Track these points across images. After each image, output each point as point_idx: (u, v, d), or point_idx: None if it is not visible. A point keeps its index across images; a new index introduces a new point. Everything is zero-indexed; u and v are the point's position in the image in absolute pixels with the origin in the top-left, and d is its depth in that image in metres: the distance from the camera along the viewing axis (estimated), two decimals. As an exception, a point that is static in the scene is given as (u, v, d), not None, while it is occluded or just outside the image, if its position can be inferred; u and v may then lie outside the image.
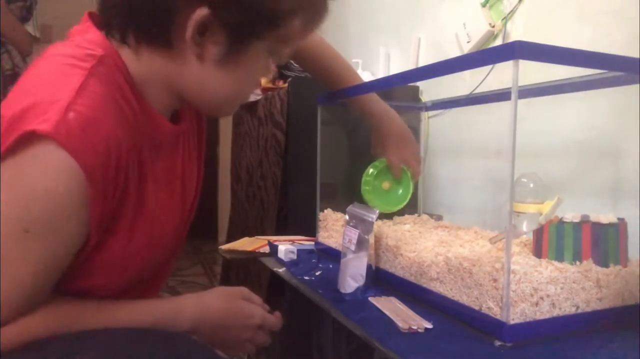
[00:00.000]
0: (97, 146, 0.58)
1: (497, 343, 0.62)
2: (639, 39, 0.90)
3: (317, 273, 0.98)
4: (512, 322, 0.62)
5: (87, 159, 0.57)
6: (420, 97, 1.54)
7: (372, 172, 1.12)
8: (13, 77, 2.13)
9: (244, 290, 0.81)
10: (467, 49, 1.35)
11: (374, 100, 1.11)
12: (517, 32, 1.20)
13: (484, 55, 0.69)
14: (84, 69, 0.61)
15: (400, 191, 1.14)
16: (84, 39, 0.66)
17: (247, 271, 1.80)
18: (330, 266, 1.03)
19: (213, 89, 0.69)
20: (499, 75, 1.19)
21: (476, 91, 1.22)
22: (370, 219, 0.86)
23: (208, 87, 0.69)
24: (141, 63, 0.67)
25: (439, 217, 1.33)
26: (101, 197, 0.60)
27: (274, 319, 0.80)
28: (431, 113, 1.46)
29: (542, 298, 0.64)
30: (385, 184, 1.13)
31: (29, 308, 0.59)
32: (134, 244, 0.68)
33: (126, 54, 0.67)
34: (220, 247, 1.29)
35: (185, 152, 0.80)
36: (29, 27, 2.31)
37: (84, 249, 0.63)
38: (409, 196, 1.13)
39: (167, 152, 0.75)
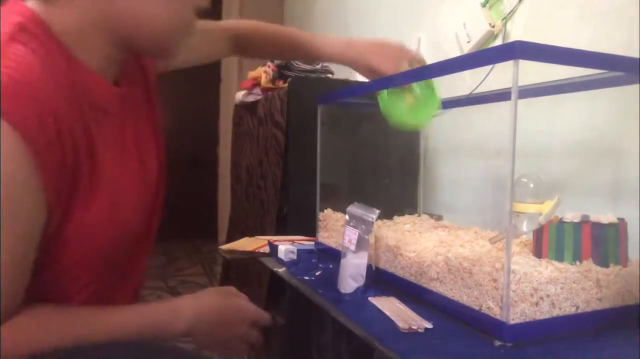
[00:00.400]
0: (30, 109, 0.56)
1: (497, 343, 0.62)
2: (639, 39, 0.90)
3: (317, 273, 0.98)
4: (512, 322, 0.62)
5: (22, 123, 0.55)
6: (420, 97, 1.54)
7: (385, 91, 0.94)
8: None
9: (232, 288, 0.81)
10: (467, 49, 1.35)
11: (325, 42, 1.02)
12: (517, 32, 1.20)
13: (484, 55, 0.69)
14: (2, 34, 0.59)
15: (425, 95, 0.94)
16: (3, 11, 0.64)
17: (247, 271, 1.80)
18: (330, 266, 1.03)
19: (149, 18, 0.68)
20: (499, 75, 1.19)
21: (476, 91, 1.22)
22: (370, 219, 0.86)
23: (143, 17, 0.67)
24: (73, 11, 0.65)
25: (439, 217, 1.33)
26: (50, 164, 0.58)
27: (266, 315, 0.81)
28: (431, 113, 1.45)
29: (542, 298, 0.64)
30: (409, 99, 0.94)
31: (15, 295, 0.59)
32: (97, 213, 0.66)
33: (54, 11, 0.64)
34: (220, 247, 1.29)
35: (134, 118, 0.78)
36: None
37: (47, 228, 0.61)
38: (437, 93, 0.94)
39: (113, 117, 0.73)
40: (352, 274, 0.84)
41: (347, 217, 0.92)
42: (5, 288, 0.57)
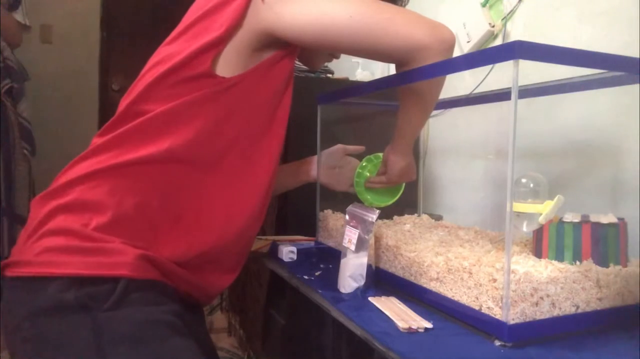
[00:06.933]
0: None
1: (497, 343, 0.62)
2: (639, 39, 0.90)
3: (317, 273, 0.98)
4: (512, 322, 0.62)
5: None
6: (420, 97, 1.53)
7: (364, 165, 1.11)
8: (6, 69, 2.07)
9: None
10: (467, 49, 1.35)
11: (311, 168, 1.18)
12: (517, 32, 1.20)
13: (484, 55, 0.69)
14: None
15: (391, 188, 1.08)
16: None
17: (247, 271, 1.80)
18: (330, 266, 1.03)
19: None
20: (499, 76, 1.19)
21: (476, 91, 1.22)
22: (370, 219, 0.86)
23: None
24: None
25: (439, 217, 1.33)
26: None
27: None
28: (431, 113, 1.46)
29: (542, 298, 0.64)
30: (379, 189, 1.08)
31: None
32: None
33: None
34: (220, 247, 1.28)
35: None
36: (18, 16, 2.22)
37: None
38: (400, 192, 1.08)
39: None
40: (352, 274, 0.84)
41: (347, 217, 0.92)
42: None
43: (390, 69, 1.82)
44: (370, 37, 0.79)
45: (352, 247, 0.87)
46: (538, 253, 0.76)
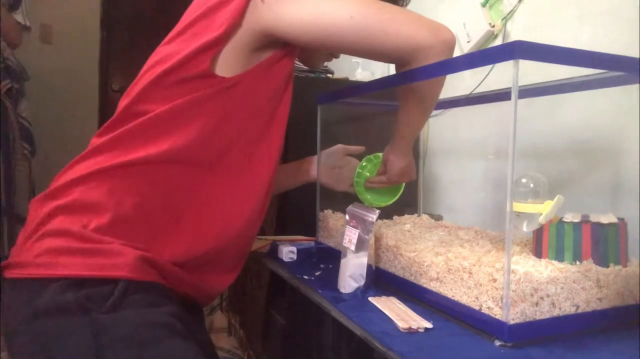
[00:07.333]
0: None
1: (497, 343, 0.62)
2: (639, 39, 0.90)
3: (317, 273, 0.98)
4: (512, 322, 0.62)
5: None
6: (420, 97, 1.53)
7: (364, 165, 1.11)
8: (6, 69, 2.07)
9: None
10: (467, 49, 1.35)
11: (311, 167, 1.18)
12: (517, 32, 1.20)
13: (484, 55, 0.69)
14: None
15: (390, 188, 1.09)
16: None
17: (247, 271, 1.80)
18: (330, 266, 1.03)
19: None
20: (499, 75, 1.19)
21: (476, 91, 1.22)
22: (370, 219, 0.86)
23: None
24: None
25: (439, 217, 1.33)
26: None
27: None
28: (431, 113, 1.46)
29: (542, 298, 0.64)
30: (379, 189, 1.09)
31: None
32: None
33: None
34: (220, 247, 1.28)
35: None
36: (18, 16, 2.21)
37: None
38: (400, 192, 1.09)
39: None
40: (352, 274, 0.84)
41: (347, 217, 0.92)
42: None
43: (390, 69, 1.82)
44: (371, 37, 0.78)
45: (352, 247, 0.87)
46: (538, 253, 0.76)
